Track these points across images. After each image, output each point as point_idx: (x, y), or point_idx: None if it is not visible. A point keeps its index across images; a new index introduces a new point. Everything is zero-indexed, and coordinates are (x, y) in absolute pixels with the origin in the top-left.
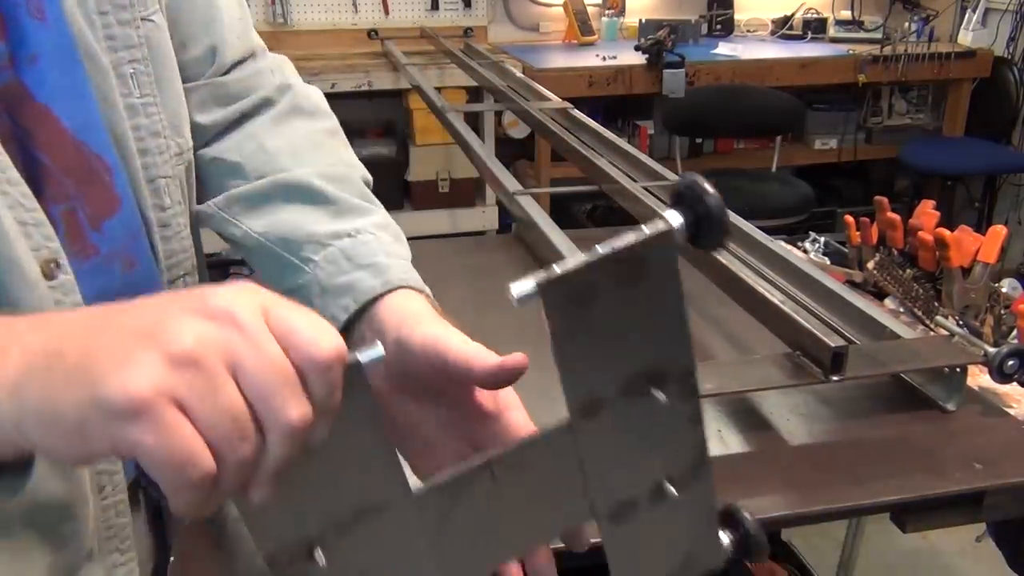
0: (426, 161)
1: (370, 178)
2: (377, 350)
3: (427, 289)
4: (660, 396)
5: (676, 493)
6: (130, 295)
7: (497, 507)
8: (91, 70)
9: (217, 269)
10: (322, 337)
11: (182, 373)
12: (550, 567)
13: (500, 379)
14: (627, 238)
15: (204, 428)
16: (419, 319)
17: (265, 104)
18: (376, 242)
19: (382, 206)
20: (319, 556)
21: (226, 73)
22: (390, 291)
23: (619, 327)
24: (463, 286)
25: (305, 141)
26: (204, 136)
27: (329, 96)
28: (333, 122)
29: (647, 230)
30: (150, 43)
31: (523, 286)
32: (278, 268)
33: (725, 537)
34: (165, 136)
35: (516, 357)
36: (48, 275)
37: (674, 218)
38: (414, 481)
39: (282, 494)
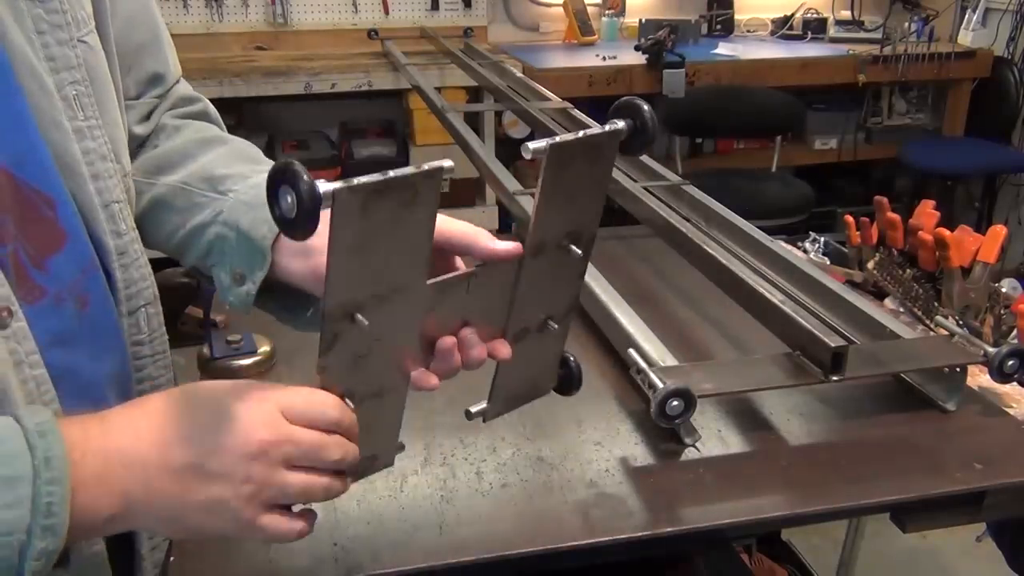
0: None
1: None
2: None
3: None
4: (576, 251)
5: (555, 326)
6: (87, 335)
7: (466, 304)
8: (34, 93)
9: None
10: (326, 406)
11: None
12: (502, 346)
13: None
14: (596, 130)
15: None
16: None
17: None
18: None
19: None
20: (360, 319)
21: (165, 94)
22: None
23: (572, 193)
24: None
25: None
26: (137, 142)
27: (329, 96)
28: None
29: (608, 127)
30: (87, 65)
31: (537, 144)
32: (189, 208)
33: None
34: (111, 160)
35: (510, 246)
36: (1, 324)
37: (622, 123)
38: None
39: (354, 265)
